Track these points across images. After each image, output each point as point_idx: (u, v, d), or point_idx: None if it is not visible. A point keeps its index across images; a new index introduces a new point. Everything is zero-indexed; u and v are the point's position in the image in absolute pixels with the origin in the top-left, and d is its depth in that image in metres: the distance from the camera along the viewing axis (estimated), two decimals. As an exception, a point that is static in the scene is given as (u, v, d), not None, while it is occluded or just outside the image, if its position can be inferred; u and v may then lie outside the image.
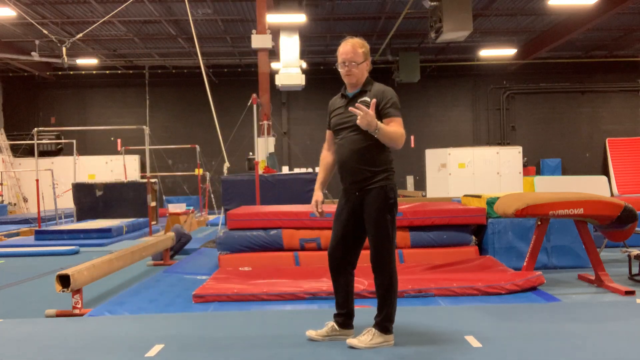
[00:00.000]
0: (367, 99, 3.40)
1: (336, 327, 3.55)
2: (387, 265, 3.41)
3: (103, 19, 12.40)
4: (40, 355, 3.43)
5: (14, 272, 6.84)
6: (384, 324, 3.41)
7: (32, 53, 13.38)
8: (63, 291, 4.40)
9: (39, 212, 12.15)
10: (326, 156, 3.70)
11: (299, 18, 12.17)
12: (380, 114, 3.37)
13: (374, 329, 3.42)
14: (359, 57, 3.44)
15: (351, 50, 3.44)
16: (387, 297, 3.40)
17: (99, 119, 19.63)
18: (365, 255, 3.52)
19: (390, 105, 3.39)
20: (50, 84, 19.89)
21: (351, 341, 3.42)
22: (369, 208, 3.39)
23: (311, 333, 3.57)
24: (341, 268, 3.53)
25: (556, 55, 19.44)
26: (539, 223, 5.31)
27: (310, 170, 10.76)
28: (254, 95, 9.32)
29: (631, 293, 4.81)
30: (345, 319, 3.54)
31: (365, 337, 3.40)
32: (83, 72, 19.58)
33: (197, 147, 16.09)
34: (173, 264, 6.91)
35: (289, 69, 12.29)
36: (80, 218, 12.20)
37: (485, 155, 16.28)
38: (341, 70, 3.48)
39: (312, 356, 3.27)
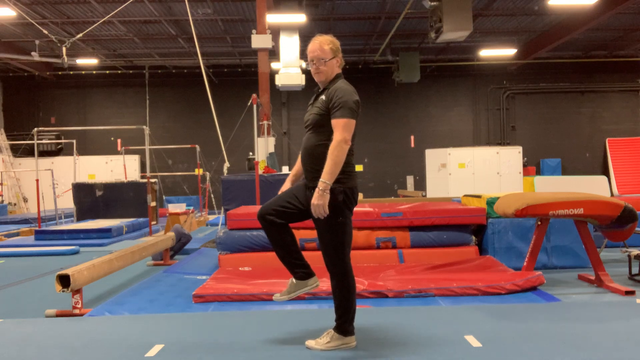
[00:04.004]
0: (323, 97, 3.33)
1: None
2: (337, 267, 3.30)
3: (103, 19, 12.40)
4: (40, 355, 3.43)
5: (14, 272, 6.84)
6: (342, 326, 3.34)
7: (32, 53, 13.36)
8: (63, 291, 4.40)
9: (39, 212, 12.14)
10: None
11: (299, 18, 12.17)
12: (330, 115, 3.25)
13: (332, 331, 3.36)
14: (327, 54, 3.34)
15: (318, 48, 3.34)
16: (342, 298, 3.31)
17: (99, 119, 19.64)
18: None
19: (338, 105, 3.21)
20: (50, 84, 19.89)
21: (309, 342, 3.39)
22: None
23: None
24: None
25: (556, 55, 19.44)
26: (539, 223, 5.30)
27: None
28: (254, 95, 9.32)
29: (631, 293, 4.81)
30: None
31: (323, 339, 3.35)
32: (83, 72, 19.59)
33: (197, 147, 16.09)
34: (173, 264, 6.91)
35: (289, 69, 12.29)
36: (80, 218, 12.21)
37: (485, 155, 16.29)
38: (310, 68, 3.40)
39: (312, 357, 3.27)
